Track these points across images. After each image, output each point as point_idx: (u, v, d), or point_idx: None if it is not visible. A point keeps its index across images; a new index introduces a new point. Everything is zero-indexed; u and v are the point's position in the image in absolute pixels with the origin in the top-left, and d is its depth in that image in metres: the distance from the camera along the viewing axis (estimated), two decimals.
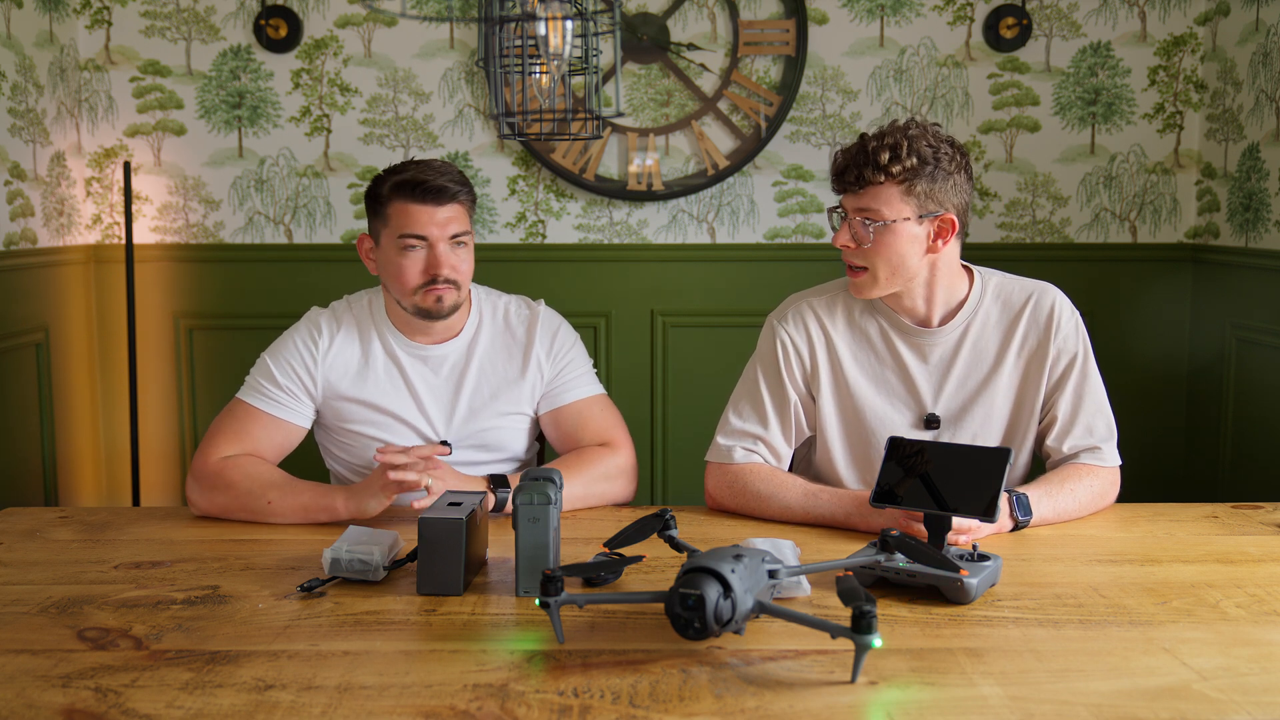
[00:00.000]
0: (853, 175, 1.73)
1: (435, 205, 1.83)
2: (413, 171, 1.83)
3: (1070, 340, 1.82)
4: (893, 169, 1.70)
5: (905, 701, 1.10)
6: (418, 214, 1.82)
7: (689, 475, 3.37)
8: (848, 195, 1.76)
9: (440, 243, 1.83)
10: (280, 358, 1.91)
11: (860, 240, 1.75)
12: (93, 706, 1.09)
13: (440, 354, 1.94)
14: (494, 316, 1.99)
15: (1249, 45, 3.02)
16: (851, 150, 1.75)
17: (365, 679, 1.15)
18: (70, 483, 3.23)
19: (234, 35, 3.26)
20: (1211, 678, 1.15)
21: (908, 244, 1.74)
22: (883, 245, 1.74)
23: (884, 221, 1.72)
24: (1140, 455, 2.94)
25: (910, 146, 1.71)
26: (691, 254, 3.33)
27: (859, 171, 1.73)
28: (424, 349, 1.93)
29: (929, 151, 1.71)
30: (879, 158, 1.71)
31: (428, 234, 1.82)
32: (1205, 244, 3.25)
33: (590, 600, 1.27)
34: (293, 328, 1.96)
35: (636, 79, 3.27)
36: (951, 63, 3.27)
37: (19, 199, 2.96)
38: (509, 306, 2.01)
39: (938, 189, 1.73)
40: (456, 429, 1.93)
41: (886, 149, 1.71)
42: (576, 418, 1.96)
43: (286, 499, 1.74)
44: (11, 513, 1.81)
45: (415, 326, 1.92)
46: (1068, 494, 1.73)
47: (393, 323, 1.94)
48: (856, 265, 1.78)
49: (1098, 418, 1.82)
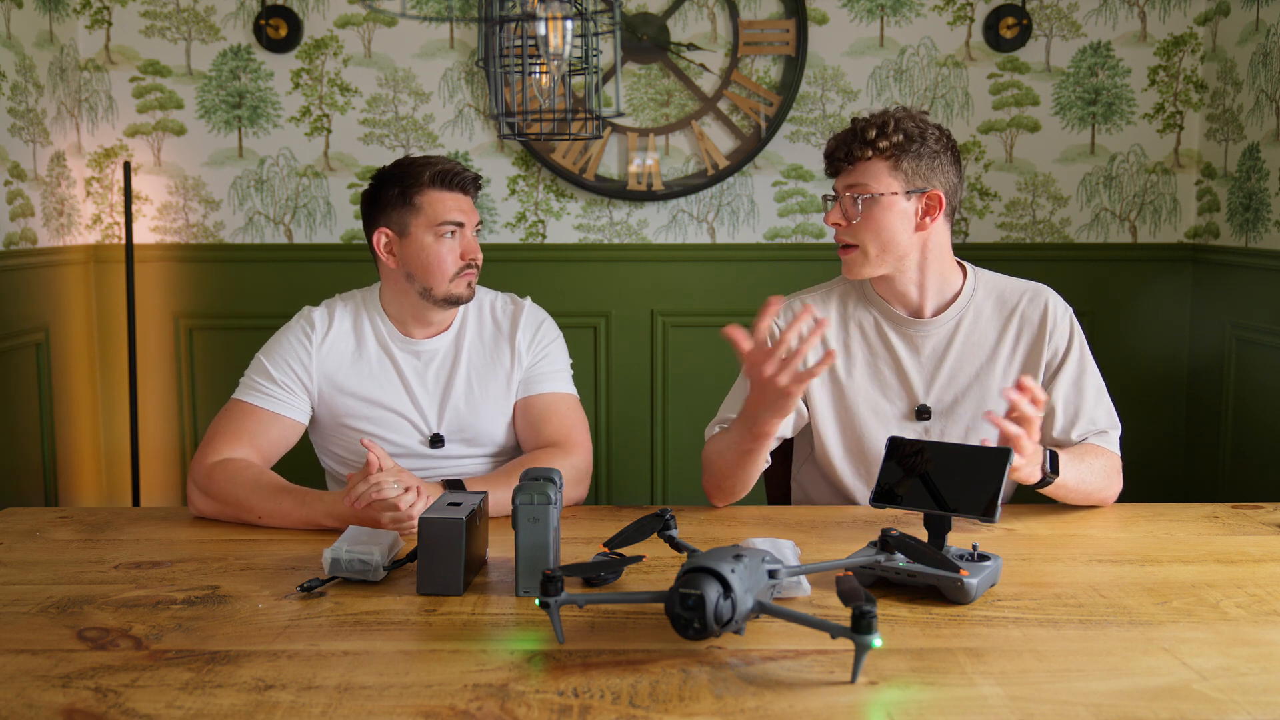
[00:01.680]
0: (842, 153, 1.81)
1: (464, 194, 1.95)
2: (442, 163, 1.94)
3: (1065, 337, 1.85)
4: (880, 144, 1.78)
5: (905, 701, 1.10)
6: (457, 202, 1.93)
7: (689, 475, 3.37)
8: (840, 176, 1.83)
9: (470, 229, 1.95)
10: (275, 355, 1.94)
11: (850, 216, 1.81)
12: (93, 706, 1.09)
13: (431, 348, 1.98)
14: (479, 311, 2.04)
15: (1249, 45, 3.02)
16: (843, 136, 1.83)
17: (365, 679, 1.15)
18: (70, 483, 3.23)
19: (234, 35, 3.26)
20: (1211, 678, 1.15)
21: (897, 219, 1.80)
22: (871, 220, 1.80)
23: (872, 195, 1.79)
24: (1140, 455, 2.94)
25: (897, 124, 1.79)
26: (691, 254, 3.33)
27: (848, 149, 1.80)
28: (416, 344, 1.97)
29: (914, 129, 1.79)
30: (866, 134, 1.79)
31: (464, 221, 1.93)
32: (1205, 244, 3.25)
33: (590, 600, 1.27)
34: (286, 326, 1.99)
35: (636, 79, 3.27)
36: (951, 63, 3.27)
37: (19, 199, 2.96)
38: (495, 301, 2.06)
39: (924, 166, 1.80)
40: (447, 422, 1.95)
41: (874, 126, 1.79)
42: (544, 410, 1.97)
43: (274, 513, 1.72)
44: (11, 513, 1.81)
45: (412, 322, 1.97)
46: (1088, 466, 1.75)
47: (388, 317, 1.98)
48: (848, 243, 1.83)
49: (1099, 410, 1.84)
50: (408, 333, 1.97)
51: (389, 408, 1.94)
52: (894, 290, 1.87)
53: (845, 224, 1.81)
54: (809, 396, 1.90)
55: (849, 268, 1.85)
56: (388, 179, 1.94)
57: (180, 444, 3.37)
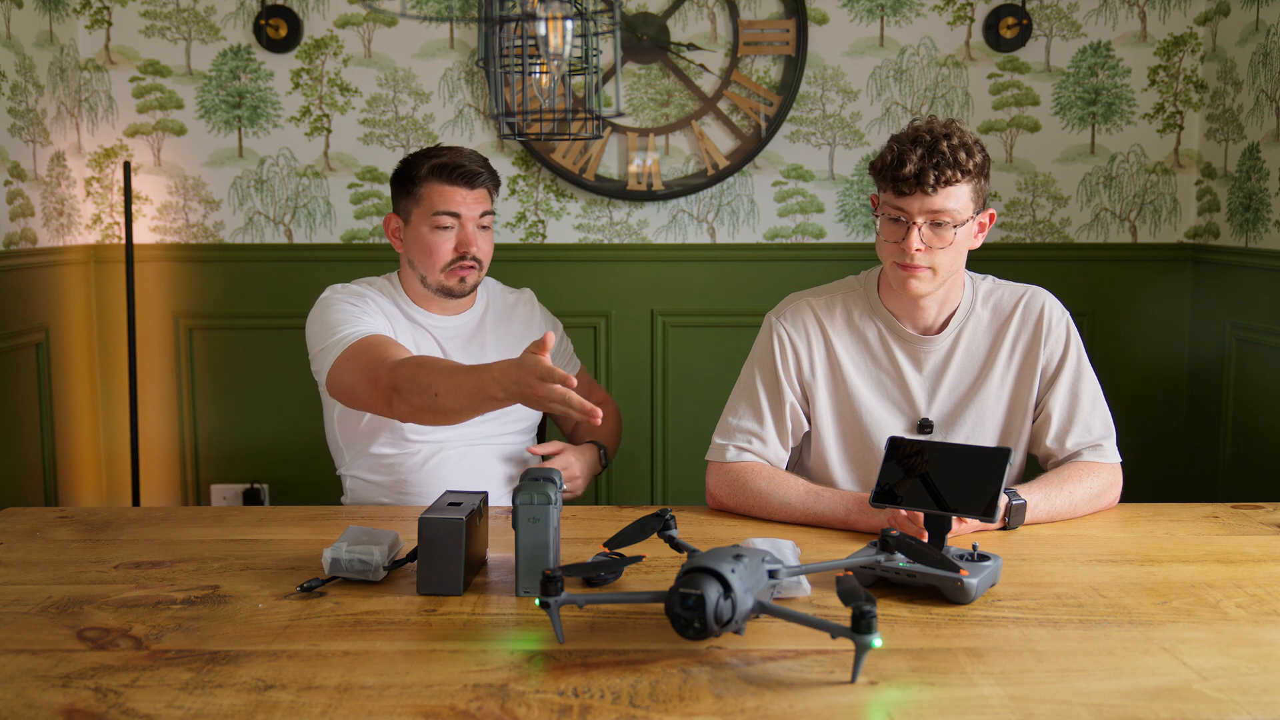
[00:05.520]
0: (932, 177, 1.69)
1: (467, 188, 1.98)
2: (449, 155, 1.98)
3: (1061, 342, 1.84)
4: (969, 166, 1.71)
5: (905, 701, 1.10)
6: (452, 194, 1.97)
7: (689, 475, 3.37)
8: (915, 197, 1.71)
9: (470, 222, 1.99)
10: (338, 308, 1.94)
11: (940, 243, 1.73)
12: (93, 706, 1.09)
13: (459, 324, 2.09)
14: (494, 295, 2.18)
15: (1249, 45, 3.02)
16: (919, 153, 1.70)
17: (365, 679, 1.15)
18: (70, 483, 3.23)
19: (234, 35, 3.26)
20: (1211, 678, 1.16)
21: (966, 241, 1.77)
22: (955, 244, 1.74)
23: (962, 222, 1.73)
24: (1140, 455, 2.94)
25: (976, 143, 1.73)
26: (691, 254, 3.33)
27: (938, 173, 1.69)
28: (443, 320, 2.07)
29: (979, 148, 1.75)
30: (958, 156, 1.69)
31: (461, 213, 1.97)
32: (1205, 244, 3.25)
33: (590, 600, 1.27)
34: (328, 294, 1.99)
35: (636, 79, 3.27)
36: (951, 63, 3.27)
37: (19, 199, 2.96)
38: (499, 288, 2.22)
39: (986, 185, 1.76)
40: None
41: (960, 148, 1.70)
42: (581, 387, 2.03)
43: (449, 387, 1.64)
44: (11, 513, 1.81)
45: (433, 303, 2.07)
46: (1065, 495, 1.74)
47: (411, 298, 2.07)
48: (920, 265, 1.75)
49: (1094, 416, 1.83)
50: (433, 310, 2.07)
51: None
52: (913, 306, 1.83)
53: (926, 249, 1.73)
54: (812, 407, 1.88)
55: (916, 287, 1.76)
56: (401, 167, 2.04)
57: (180, 444, 3.37)
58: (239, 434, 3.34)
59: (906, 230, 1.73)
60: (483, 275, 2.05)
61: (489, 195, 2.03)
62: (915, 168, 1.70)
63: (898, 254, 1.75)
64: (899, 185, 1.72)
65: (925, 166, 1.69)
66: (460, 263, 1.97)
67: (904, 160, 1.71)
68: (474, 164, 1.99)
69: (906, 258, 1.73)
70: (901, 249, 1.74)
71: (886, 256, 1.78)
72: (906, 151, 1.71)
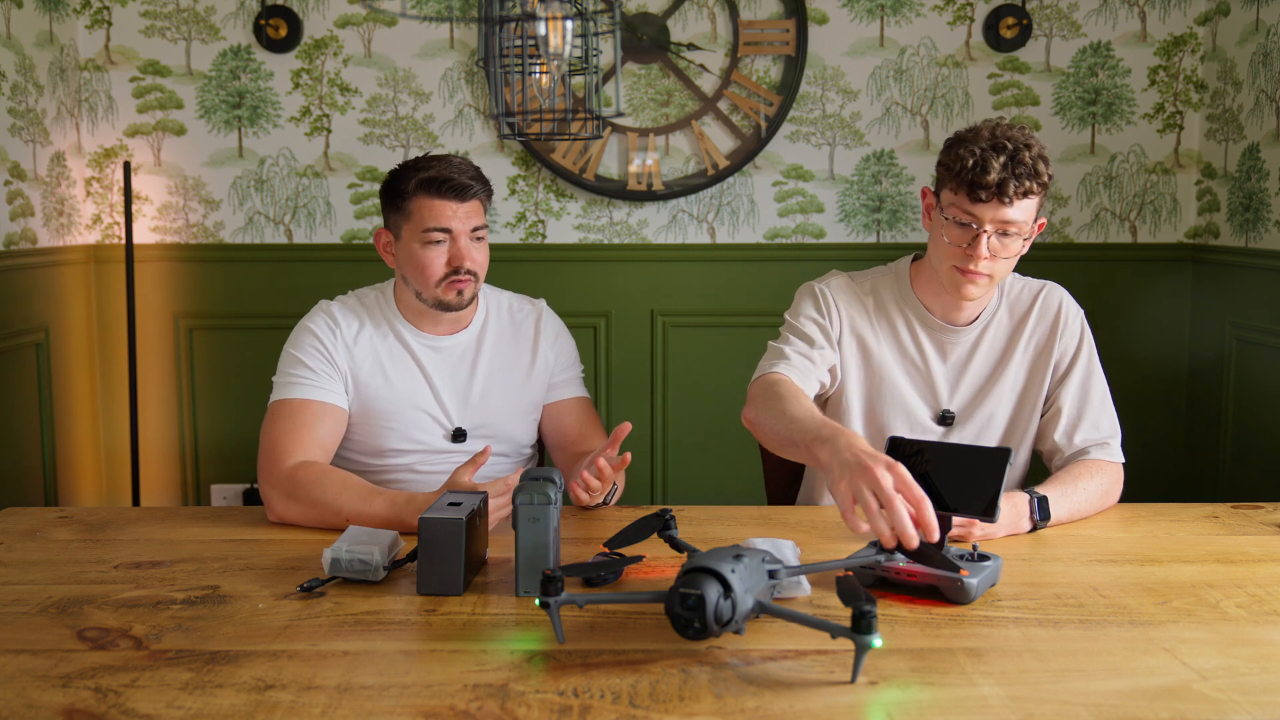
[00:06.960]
0: (1011, 187, 1.66)
1: (458, 201, 1.88)
2: (437, 169, 1.88)
3: (1075, 338, 1.86)
4: (1045, 179, 1.69)
5: (905, 701, 1.10)
6: (442, 209, 1.87)
7: (689, 475, 3.37)
8: (990, 205, 1.68)
9: (463, 236, 1.89)
10: (305, 346, 1.90)
11: (1005, 253, 1.72)
12: (93, 706, 1.09)
13: (451, 344, 1.97)
14: (499, 310, 2.05)
15: (1249, 45, 3.02)
16: (1001, 160, 1.66)
17: (365, 679, 1.15)
18: (70, 483, 3.23)
19: (234, 35, 3.26)
20: (1211, 678, 1.15)
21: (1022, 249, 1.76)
22: (1017, 253, 1.74)
23: (1027, 234, 1.72)
24: (1140, 455, 2.94)
25: (1042, 153, 1.70)
26: (691, 254, 3.33)
27: (1019, 184, 1.66)
28: (435, 339, 1.97)
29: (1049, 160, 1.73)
30: (1037, 168, 1.67)
31: (452, 228, 1.88)
32: (1205, 244, 3.25)
33: (590, 600, 1.27)
34: (305, 320, 1.94)
35: (636, 79, 3.27)
36: (951, 63, 3.27)
37: (19, 199, 2.96)
38: (511, 302, 2.08)
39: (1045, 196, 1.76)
40: (470, 416, 1.95)
41: (1040, 159, 1.68)
42: (578, 414, 2.03)
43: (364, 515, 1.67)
44: (11, 513, 1.81)
45: (427, 318, 1.96)
46: (1080, 493, 1.74)
47: (403, 314, 1.97)
48: (982, 272, 1.73)
49: (1103, 414, 1.85)
50: (425, 329, 1.96)
51: (410, 400, 1.92)
52: (953, 304, 1.83)
53: (990, 258, 1.71)
54: (843, 374, 1.88)
55: (972, 292, 1.75)
56: (388, 180, 1.94)
57: (180, 444, 3.37)
58: (239, 434, 3.34)
59: (975, 237, 1.70)
60: (479, 286, 1.96)
61: (481, 207, 1.92)
62: (998, 176, 1.66)
63: (960, 259, 1.72)
64: (976, 191, 1.68)
65: (1007, 176, 1.66)
66: (455, 276, 1.88)
67: (987, 167, 1.66)
68: (464, 176, 1.88)
69: (971, 264, 1.71)
70: (966, 254, 1.71)
71: (945, 259, 1.75)
72: (989, 158, 1.66)
